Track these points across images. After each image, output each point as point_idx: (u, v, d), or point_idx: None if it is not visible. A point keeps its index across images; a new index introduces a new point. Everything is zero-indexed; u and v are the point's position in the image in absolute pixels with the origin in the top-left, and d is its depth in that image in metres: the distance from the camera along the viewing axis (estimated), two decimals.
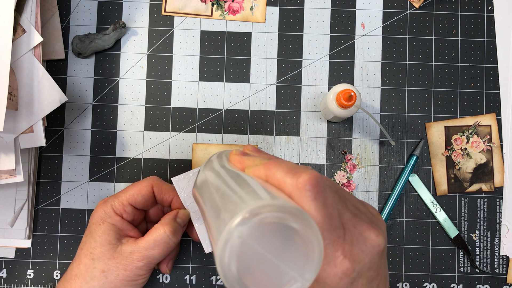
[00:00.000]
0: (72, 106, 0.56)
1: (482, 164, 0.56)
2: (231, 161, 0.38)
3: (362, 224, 0.31)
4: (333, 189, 0.32)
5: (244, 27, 0.57)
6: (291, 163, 0.32)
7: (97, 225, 0.46)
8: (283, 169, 0.30)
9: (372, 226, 0.31)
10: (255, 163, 0.34)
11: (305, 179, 0.29)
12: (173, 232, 0.45)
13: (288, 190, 0.30)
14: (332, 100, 0.49)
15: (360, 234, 0.31)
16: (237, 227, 0.25)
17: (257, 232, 0.25)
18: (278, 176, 0.30)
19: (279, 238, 0.26)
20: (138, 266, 0.44)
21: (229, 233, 0.25)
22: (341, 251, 0.29)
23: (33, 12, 0.49)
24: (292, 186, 0.29)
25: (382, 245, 0.31)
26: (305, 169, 0.30)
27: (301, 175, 0.29)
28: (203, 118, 0.56)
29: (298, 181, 0.29)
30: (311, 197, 0.29)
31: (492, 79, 0.57)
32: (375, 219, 0.33)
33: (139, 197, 0.47)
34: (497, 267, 0.56)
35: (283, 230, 0.26)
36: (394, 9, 0.57)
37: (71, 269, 0.46)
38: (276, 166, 0.31)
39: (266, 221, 0.25)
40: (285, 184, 0.30)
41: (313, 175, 0.29)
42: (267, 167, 0.31)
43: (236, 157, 0.37)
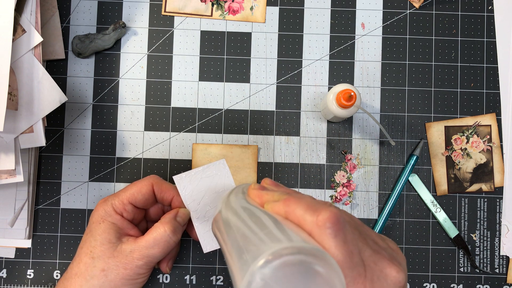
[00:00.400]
0: (72, 106, 0.56)
1: (482, 164, 0.56)
2: (250, 195, 0.38)
3: (383, 260, 0.31)
4: (352, 225, 0.32)
5: (244, 27, 0.57)
6: (310, 198, 0.32)
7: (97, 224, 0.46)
8: (302, 206, 0.31)
9: (393, 262, 0.31)
10: (274, 198, 0.34)
11: (325, 217, 0.29)
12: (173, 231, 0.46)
13: (308, 228, 0.30)
14: (332, 100, 0.49)
15: (381, 271, 0.31)
16: (259, 270, 0.25)
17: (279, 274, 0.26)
18: (297, 213, 0.31)
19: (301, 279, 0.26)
20: (138, 265, 0.44)
21: (252, 275, 0.25)
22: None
23: (33, 12, 0.49)
24: (312, 224, 0.29)
25: (403, 281, 0.31)
26: (324, 205, 0.30)
27: (321, 213, 0.29)
28: (203, 118, 0.56)
29: (318, 219, 0.29)
30: (331, 234, 0.29)
31: (492, 79, 0.57)
32: (395, 254, 0.33)
33: (139, 195, 0.47)
34: (497, 267, 0.56)
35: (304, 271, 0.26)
36: (394, 9, 0.57)
37: (71, 268, 0.46)
38: (296, 202, 0.31)
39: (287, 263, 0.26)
40: (305, 221, 0.30)
41: (333, 212, 0.29)
42: (287, 203, 0.32)
43: (255, 192, 0.37)
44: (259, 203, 0.36)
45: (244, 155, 0.55)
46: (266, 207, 0.34)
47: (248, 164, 0.55)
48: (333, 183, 0.56)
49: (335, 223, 0.29)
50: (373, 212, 0.56)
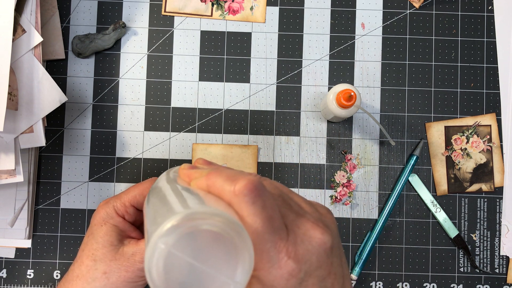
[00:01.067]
0: (72, 106, 0.56)
1: (482, 164, 0.56)
2: (180, 175, 0.37)
3: (307, 223, 0.31)
4: (276, 192, 0.32)
5: (244, 27, 0.57)
6: (234, 170, 0.32)
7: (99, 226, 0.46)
8: (222, 177, 0.30)
9: (317, 224, 0.31)
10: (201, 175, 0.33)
11: (242, 185, 0.29)
12: None
13: (227, 198, 0.29)
14: (332, 100, 0.49)
15: (304, 233, 0.30)
16: (161, 238, 0.25)
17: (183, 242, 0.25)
18: (217, 184, 0.30)
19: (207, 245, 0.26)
20: (140, 268, 0.44)
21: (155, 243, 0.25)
22: (284, 252, 0.29)
23: (33, 12, 0.49)
24: (230, 193, 0.29)
25: (328, 242, 0.30)
26: (244, 174, 0.30)
27: (238, 181, 0.29)
28: (203, 118, 0.56)
29: (235, 188, 0.29)
30: (249, 202, 0.29)
31: (492, 79, 0.57)
32: (322, 217, 0.33)
33: (141, 198, 0.47)
34: (497, 267, 0.56)
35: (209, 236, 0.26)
36: (394, 9, 0.57)
37: (72, 270, 0.46)
38: (216, 175, 0.31)
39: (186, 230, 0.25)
40: (224, 191, 0.30)
41: (250, 180, 0.29)
42: (208, 177, 0.31)
43: (184, 171, 0.36)
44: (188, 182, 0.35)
45: (244, 155, 0.55)
46: (192, 184, 0.34)
47: (248, 164, 0.55)
48: (333, 183, 0.56)
49: (252, 190, 0.29)
50: (373, 212, 0.56)
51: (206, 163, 0.39)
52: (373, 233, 0.55)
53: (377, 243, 0.56)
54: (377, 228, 0.55)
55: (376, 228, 0.55)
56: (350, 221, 0.56)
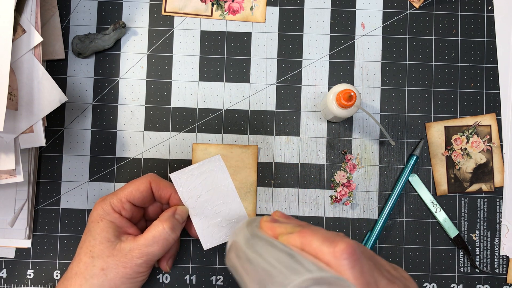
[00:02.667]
0: (72, 106, 0.56)
1: (482, 164, 0.56)
2: (262, 228, 0.39)
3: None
4: (367, 256, 0.33)
5: (244, 27, 0.57)
6: (324, 230, 0.34)
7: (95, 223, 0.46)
8: (319, 237, 0.32)
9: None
10: (287, 231, 0.36)
11: (342, 248, 0.31)
12: (172, 228, 0.46)
13: (325, 259, 0.31)
14: (332, 100, 0.49)
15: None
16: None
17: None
18: (314, 244, 0.32)
19: None
20: (137, 264, 0.45)
21: None
22: None
23: (33, 12, 0.49)
24: (330, 255, 0.31)
25: None
26: (339, 237, 0.32)
27: (337, 244, 0.31)
28: (203, 118, 0.56)
29: (335, 250, 0.31)
30: (349, 265, 0.30)
31: (492, 79, 0.57)
32: (408, 283, 0.34)
33: (137, 193, 0.47)
34: (497, 267, 0.56)
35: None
36: (394, 9, 0.57)
37: (71, 267, 0.46)
38: (312, 234, 0.33)
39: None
40: (322, 252, 0.31)
41: (350, 244, 0.31)
42: (303, 235, 0.33)
43: (268, 224, 0.38)
44: (272, 235, 0.37)
45: (244, 155, 0.55)
46: (281, 239, 0.35)
47: (248, 164, 0.55)
48: (333, 183, 0.56)
49: (351, 254, 0.30)
50: (373, 212, 0.56)
51: (285, 217, 0.41)
52: (373, 233, 0.55)
53: (377, 243, 0.56)
54: (377, 228, 0.55)
55: (376, 228, 0.55)
56: (350, 221, 0.56)
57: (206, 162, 0.52)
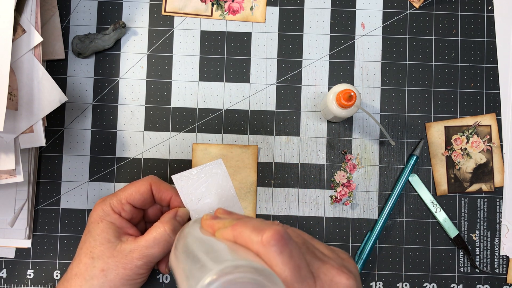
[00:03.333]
0: (72, 106, 0.56)
1: (482, 164, 0.56)
2: (202, 226, 0.39)
3: (332, 269, 0.32)
4: (300, 241, 0.33)
5: (244, 27, 0.57)
6: (258, 220, 0.34)
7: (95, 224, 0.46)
8: (248, 227, 0.32)
9: (342, 270, 0.33)
10: (224, 225, 0.35)
11: (269, 235, 0.30)
12: (173, 230, 0.46)
13: (255, 248, 0.31)
14: (332, 100, 0.49)
15: (331, 280, 0.32)
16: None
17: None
18: (244, 235, 0.32)
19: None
20: (137, 265, 0.44)
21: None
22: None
23: (33, 12, 0.49)
24: (258, 244, 0.31)
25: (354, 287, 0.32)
26: (270, 225, 0.32)
27: (265, 232, 0.31)
28: (203, 118, 0.56)
29: (262, 238, 0.30)
30: (276, 252, 0.30)
31: (492, 79, 0.57)
32: (345, 262, 0.34)
33: (138, 195, 0.47)
34: (497, 267, 0.56)
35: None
36: (394, 9, 0.57)
37: (71, 268, 0.46)
38: (242, 226, 0.32)
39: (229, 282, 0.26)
40: (251, 242, 0.31)
41: (277, 230, 0.30)
42: (234, 228, 0.33)
43: (207, 222, 0.38)
44: (212, 232, 0.37)
45: (244, 155, 0.55)
46: (217, 234, 0.35)
47: (248, 164, 0.55)
48: (333, 183, 0.56)
49: (279, 240, 0.30)
50: (373, 212, 0.56)
51: (227, 213, 0.40)
52: (373, 233, 0.55)
53: (377, 243, 0.56)
54: (377, 228, 0.55)
55: (376, 228, 0.55)
56: (350, 221, 0.56)
57: (208, 166, 0.52)
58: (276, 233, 0.30)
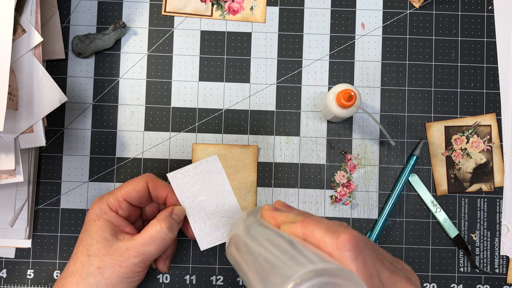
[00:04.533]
0: (72, 106, 0.56)
1: (482, 164, 0.56)
2: (264, 217, 0.39)
3: (401, 281, 0.33)
4: (370, 247, 0.33)
5: (244, 27, 0.57)
6: (327, 220, 0.34)
7: (92, 222, 0.46)
8: (321, 228, 0.32)
9: (410, 283, 0.33)
10: (289, 220, 0.35)
11: (345, 239, 0.30)
12: (169, 228, 0.46)
13: (328, 250, 0.31)
14: (332, 100, 0.49)
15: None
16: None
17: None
18: (316, 235, 0.32)
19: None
20: (134, 263, 0.45)
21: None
22: None
23: (33, 12, 0.49)
24: (332, 246, 0.30)
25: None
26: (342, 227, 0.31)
27: (340, 235, 0.30)
28: (203, 118, 0.56)
29: (338, 241, 0.30)
30: (352, 257, 0.30)
31: (492, 79, 0.57)
32: (410, 275, 0.34)
33: (134, 192, 0.47)
34: (497, 267, 0.56)
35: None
36: (394, 9, 0.57)
37: (68, 266, 0.46)
38: (314, 224, 0.32)
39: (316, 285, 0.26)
40: (325, 243, 0.31)
41: (352, 235, 0.30)
42: (305, 225, 0.33)
43: (269, 213, 0.38)
44: (274, 224, 0.37)
45: (244, 155, 0.55)
46: (283, 228, 0.35)
47: (248, 164, 0.55)
48: (333, 183, 0.56)
49: (355, 246, 0.30)
50: (373, 212, 0.56)
51: (286, 206, 0.40)
52: (373, 233, 0.55)
53: (377, 243, 0.56)
54: (377, 228, 0.55)
55: (376, 228, 0.55)
56: (350, 221, 0.56)
57: (203, 162, 0.52)
58: (352, 237, 0.30)
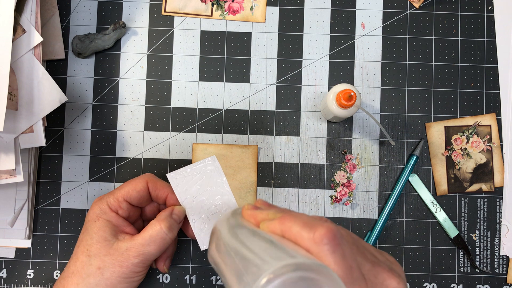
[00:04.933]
0: (72, 106, 0.56)
1: (482, 164, 0.56)
2: (244, 216, 0.38)
3: (383, 273, 0.32)
4: (350, 240, 0.32)
5: (244, 27, 0.57)
6: (305, 215, 0.33)
7: (92, 222, 0.46)
8: (298, 223, 0.31)
9: (393, 274, 0.32)
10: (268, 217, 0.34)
11: (321, 233, 0.29)
12: (169, 228, 0.46)
13: (305, 245, 0.30)
14: (332, 100, 0.49)
15: (381, 283, 0.31)
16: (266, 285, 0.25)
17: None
18: (294, 230, 0.31)
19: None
20: (134, 263, 0.45)
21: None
22: None
23: (33, 12, 0.49)
24: (310, 240, 0.30)
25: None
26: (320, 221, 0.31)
27: (317, 229, 0.30)
28: (203, 118, 0.56)
29: (315, 235, 0.29)
30: (329, 250, 0.29)
31: (492, 79, 0.57)
32: (394, 266, 0.34)
33: (134, 192, 0.47)
34: (497, 267, 0.56)
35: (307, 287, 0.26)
36: (394, 9, 0.57)
37: (68, 266, 0.46)
38: (291, 220, 0.31)
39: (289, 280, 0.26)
40: (302, 238, 0.30)
41: (330, 228, 0.30)
42: (282, 221, 0.32)
43: (249, 212, 0.37)
44: (254, 223, 0.36)
45: (244, 155, 0.55)
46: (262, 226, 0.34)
47: (248, 164, 0.55)
48: (333, 183, 0.56)
49: (332, 239, 0.29)
50: (373, 212, 0.56)
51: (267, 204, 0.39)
52: (373, 233, 0.55)
53: (377, 243, 0.56)
54: (377, 228, 0.55)
55: (376, 228, 0.55)
56: (350, 221, 0.56)
57: (201, 163, 0.52)
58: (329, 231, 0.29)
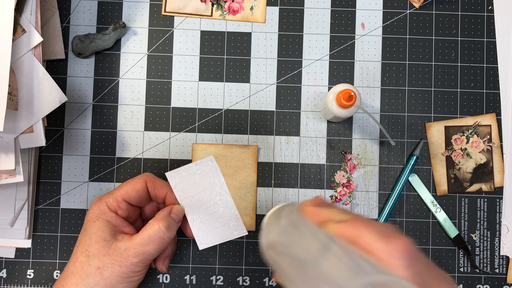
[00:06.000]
0: (72, 106, 0.56)
1: (482, 164, 0.56)
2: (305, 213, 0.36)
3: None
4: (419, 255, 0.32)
5: (244, 27, 0.57)
6: (377, 223, 0.32)
7: (91, 222, 0.46)
8: (372, 231, 0.31)
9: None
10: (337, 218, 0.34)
11: (399, 248, 0.29)
12: (168, 227, 0.46)
13: (379, 255, 0.30)
14: (332, 100, 0.49)
15: None
16: None
17: None
18: (367, 238, 0.31)
19: None
20: (133, 263, 0.45)
21: None
22: None
23: (33, 12, 0.49)
24: (384, 252, 0.30)
25: None
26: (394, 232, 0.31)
27: (393, 241, 0.30)
28: (203, 118, 0.56)
29: (390, 248, 0.29)
30: (405, 266, 0.29)
31: (492, 79, 0.57)
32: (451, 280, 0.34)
33: (133, 192, 0.47)
34: (497, 267, 0.56)
35: None
36: (394, 9, 0.57)
37: (67, 266, 0.46)
38: (364, 226, 0.31)
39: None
40: (376, 248, 0.30)
41: (406, 243, 0.30)
42: (355, 227, 0.32)
43: (311, 209, 0.36)
44: (317, 222, 0.35)
45: (244, 155, 0.55)
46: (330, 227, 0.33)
47: (248, 164, 0.55)
48: (333, 183, 0.56)
49: (409, 254, 0.29)
50: (373, 212, 0.56)
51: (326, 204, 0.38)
52: None
53: None
54: None
55: None
56: None
57: (200, 163, 0.52)
58: (406, 246, 0.29)
